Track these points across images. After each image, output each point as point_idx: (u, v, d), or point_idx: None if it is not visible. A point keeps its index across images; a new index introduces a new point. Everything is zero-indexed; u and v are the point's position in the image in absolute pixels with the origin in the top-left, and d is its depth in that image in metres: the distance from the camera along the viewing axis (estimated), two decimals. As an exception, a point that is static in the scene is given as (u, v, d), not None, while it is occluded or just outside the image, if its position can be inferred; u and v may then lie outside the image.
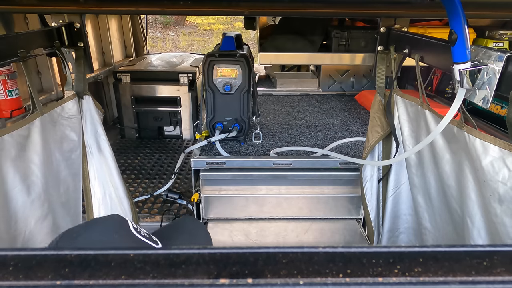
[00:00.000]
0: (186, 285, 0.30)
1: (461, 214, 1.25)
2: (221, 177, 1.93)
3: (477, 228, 1.16)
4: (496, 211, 1.04)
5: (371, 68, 2.32)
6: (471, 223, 1.17)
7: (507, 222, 1.02)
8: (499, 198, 1.02)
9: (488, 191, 1.06)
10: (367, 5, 1.59)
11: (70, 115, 1.64)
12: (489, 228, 1.12)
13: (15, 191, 1.24)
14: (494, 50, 1.02)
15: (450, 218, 1.36)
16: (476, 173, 1.12)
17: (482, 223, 1.15)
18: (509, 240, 1.01)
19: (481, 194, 1.12)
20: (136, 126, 3.43)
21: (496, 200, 1.03)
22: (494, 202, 1.04)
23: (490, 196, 1.06)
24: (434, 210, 1.48)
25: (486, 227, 1.13)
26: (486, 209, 1.10)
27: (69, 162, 1.65)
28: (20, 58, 1.35)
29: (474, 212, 1.16)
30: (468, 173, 1.17)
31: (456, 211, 1.29)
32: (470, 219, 1.18)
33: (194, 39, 11.65)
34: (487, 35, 2.41)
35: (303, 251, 0.33)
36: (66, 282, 0.30)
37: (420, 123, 1.45)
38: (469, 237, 1.19)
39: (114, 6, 1.59)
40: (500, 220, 1.03)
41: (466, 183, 1.18)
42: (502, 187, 1.01)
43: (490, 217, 1.08)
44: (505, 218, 1.02)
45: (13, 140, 1.24)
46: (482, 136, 1.07)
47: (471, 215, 1.17)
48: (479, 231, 1.16)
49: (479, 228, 1.15)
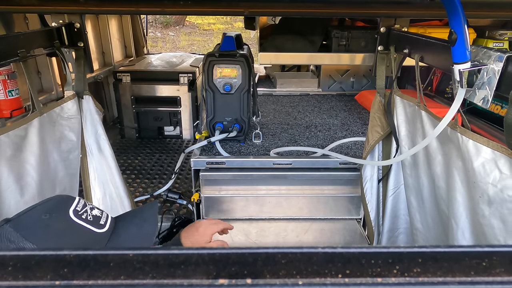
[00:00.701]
0: (185, 285, 0.30)
1: (448, 216, 1.25)
2: (221, 177, 1.93)
3: (461, 230, 1.16)
4: (484, 213, 1.04)
5: (371, 68, 2.32)
6: (456, 225, 1.18)
7: (494, 223, 1.01)
8: (488, 200, 1.02)
9: (478, 193, 1.06)
10: (367, 5, 1.59)
11: (70, 115, 1.64)
12: (474, 230, 1.12)
13: (8, 192, 1.23)
14: (494, 50, 1.02)
15: (439, 219, 1.36)
16: (466, 174, 1.12)
17: (467, 225, 1.15)
18: (495, 242, 1.01)
19: (470, 195, 1.11)
20: (136, 126, 3.43)
21: (485, 202, 1.03)
22: (483, 203, 1.04)
23: (479, 197, 1.05)
24: (425, 211, 1.48)
25: (472, 229, 1.13)
26: (474, 211, 1.10)
27: (67, 163, 1.65)
28: (20, 58, 1.35)
29: (459, 213, 1.16)
30: (456, 175, 1.17)
31: (444, 212, 1.30)
32: (454, 220, 1.18)
33: (194, 39, 11.65)
34: (487, 35, 2.41)
35: (302, 252, 0.33)
36: (65, 282, 0.30)
37: (416, 124, 1.45)
38: (453, 239, 1.19)
39: (114, 6, 1.59)
40: (488, 222, 1.03)
41: (453, 184, 1.18)
42: (492, 189, 1.01)
43: (477, 219, 1.08)
44: (493, 220, 1.02)
45: (9, 140, 1.24)
46: (475, 138, 1.07)
47: (456, 217, 1.17)
48: (463, 233, 1.15)
49: (463, 229, 1.16)
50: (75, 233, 0.81)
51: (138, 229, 0.88)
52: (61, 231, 0.81)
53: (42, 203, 0.88)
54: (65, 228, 0.81)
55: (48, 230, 0.80)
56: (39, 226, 0.80)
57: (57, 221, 0.81)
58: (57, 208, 0.84)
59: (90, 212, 0.85)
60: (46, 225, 0.80)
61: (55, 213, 0.83)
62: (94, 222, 0.84)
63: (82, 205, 0.86)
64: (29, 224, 0.80)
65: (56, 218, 0.81)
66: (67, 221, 0.81)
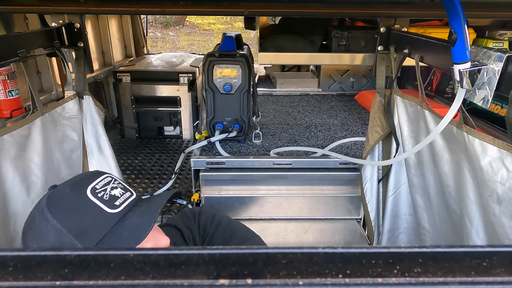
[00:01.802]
0: (185, 285, 0.30)
1: (459, 214, 1.25)
2: (221, 177, 1.93)
3: (475, 228, 1.16)
4: (495, 212, 1.04)
5: (371, 68, 2.32)
6: (470, 223, 1.17)
7: (505, 222, 1.01)
8: (497, 199, 1.02)
9: (487, 191, 1.06)
10: (367, 5, 1.59)
11: (71, 115, 1.64)
12: (487, 229, 1.12)
13: (14, 191, 1.24)
14: (494, 50, 1.02)
15: (448, 218, 1.36)
16: (474, 173, 1.12)
17: (480, 223, 1.14)
18: (507, 241, 1.01)
19: (480, 194, 1.12)
20: (136, 126, 3.43)
21: (495, 201, 1.03)
22: (492, 202, 1.04)
23: (488, 196, 1.05)
24: (433, 210, 1.48)
25: (485, 227, 1.13)
26: (485, 209, 1.10)
27: (69, 162, 1.65)
28: (20, 58, 1.35)
29: (473, 212, 1.16)
30: (467, 173, 1.17)
31: (454, 211, 1.29)
32: (468, 219, 1.18)
33: (194, 39, 11.65)
34: (487, 35, 2.40)
35: (302, 252, 0.33)
36: (65, 283, 0.30)
37: (419, 123, 1.45)
38: (468, 238, 1.19)
39: (114, 6, 1.59)
40: (498, 221, 1.03)
41: (465, 183, 1.18)
42: (500, 188, 1.01)
43: (489, 218, 1.08)
44: (503, 219, 1.02)
45: (13, 140, 1.24)
46: (481, 136, 1.07)
47: (470, 215, 1.17)
48: (478, 231, 1.15)
49: (477, 228, 1.15)
50: (88, 209, 0.84)
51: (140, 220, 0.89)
52: (74, 206, 0.84)
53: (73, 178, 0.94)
54: (78, 204, 0.84)
55: (66, 204, 0.84)
56: (59, 199, 0.85)
57: (73, 196, 0.85)
58: (79, 184, 0.88)
59: (109, 191, 0.87)
60: (64, 199, 0.85)
61: (75, 188, 0.86)
62: (108, 202, 0.85)
63: (104, 183, 0.88)
64: (55, 197, 0.85)
65: (73, 193, 0.85)
66: (82, 196, 0.85)
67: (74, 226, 0.81)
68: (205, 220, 1.27)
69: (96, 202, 0.84)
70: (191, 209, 1.37)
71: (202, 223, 1.27)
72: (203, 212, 1.30)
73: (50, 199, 0.85)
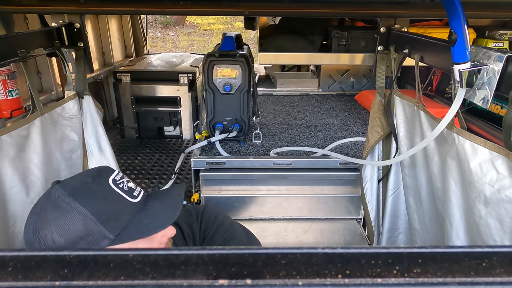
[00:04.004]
0: (185, 285, 0.30)
1: (443, 216, 1.26)
2: (221, 177, 1.93)
3: (455, 230, 1.16)
4: (481, 213, 1.04)
5: (371, 68, 2.32)
6: (450, 225, 1.18)
7: (491, 223, 1.01)
8: (485, 200, 1.02)
9: (474, 193, 1.06)
10: (367, 5, 1.59)
11: (71, 115, 1.64)
12: (469, 230, 1.12)
13: (13, 191, 1.24)
14: (494, 50, 1.02)
15: (436, 219, 1.36)
16: (462, 175, 1.11)
17: (461, 225, 1.15)
18: (492, 242, 1.01)
19: (465, 196, 1.11)
20: (136, 126, 3.43)
21: (482, 202, 1.03)
22: (479, 203, 1.04)
23: (475, 197, 1.05)
24: (423, 212, 1.48)
25: (466, 229, 1.13)
26: (470, 211, 1.10)
27: (69, 162, 1.65)
28: (20, 58, 1.34)
29: (453, 214, 1.16)
30: (453, 174, 1.17)
31: (440, 212, 1.30)
32: (449, 221, 1.18)
33: (194, 39, 11.65)
34: (487, 35, 2.40)
35: (302, 252, 0.33)
36: (65, 283, 0.30)
37: (415, 124, 1.45)
38: (448, 239, 1.19)
39: (114, 6, 1.59)
40: (484, 222, 1.03)
41: (448, 184, 1.18)
42: (489, 189, 1.01)
43: (473, 219, 1.08)
44: (489, 220, 1.02)
45: (12, 140, 1.24)
46: (471, 138, 1.07)
47: (450, 217, 1.18)
48: (458, 233, 1.16)
49: (457, 230, 1.16)
50: (112, 198, 0.89)
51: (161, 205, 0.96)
52: (101, 194, 0.89)
53: (86, 171, 1.00)
54: (103, 192, 0.89)
55: (91, 192, 0.88)
56: (83, 188, 0.88)
57: (98, 185, 0.90)
58: (99, 175, 0.93)
59: (126, 184, 0.94)
60: (89, 188, 0.89)
61: (97, 178, 0.91)
62: (128, 192, 0.92)
63: (120, 177, 0.95)
64: (75, 186, 0.88)
65: (97, 183, 0.90)
66: (106, 186, 0.90)
67: (101, 213, 0.85)
68: (207, 219, 1.29)
69: (119, 192, 0.90)
70: (195, 207, 1.38)
71: (204, 221, 1.28)
72: (206, 210, 1.32)
73: (69, 189, 0.87)
